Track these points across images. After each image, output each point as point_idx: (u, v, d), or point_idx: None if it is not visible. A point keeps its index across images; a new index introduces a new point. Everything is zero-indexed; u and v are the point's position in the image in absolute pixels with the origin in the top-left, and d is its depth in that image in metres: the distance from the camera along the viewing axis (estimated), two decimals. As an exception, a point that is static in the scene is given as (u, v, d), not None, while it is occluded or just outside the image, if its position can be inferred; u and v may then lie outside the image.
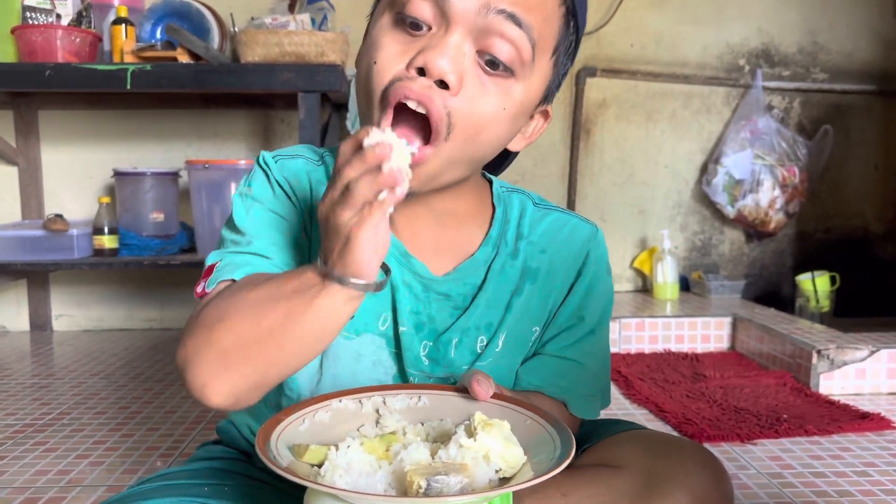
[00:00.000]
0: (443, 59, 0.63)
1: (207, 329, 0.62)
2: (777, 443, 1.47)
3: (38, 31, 2.05)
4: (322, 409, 0.66)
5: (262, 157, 0.78)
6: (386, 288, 0.76)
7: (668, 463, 0.72)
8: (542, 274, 0.80)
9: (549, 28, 0.67)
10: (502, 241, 0.80)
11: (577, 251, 0.81)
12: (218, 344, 0.61)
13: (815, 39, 2.72)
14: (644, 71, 2.65)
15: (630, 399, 1.76)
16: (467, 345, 0.78)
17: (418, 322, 0.77)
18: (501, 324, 0.78)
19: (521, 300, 0.79)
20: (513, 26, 0.64)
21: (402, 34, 0.65)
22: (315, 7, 2.25)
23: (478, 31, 0.64)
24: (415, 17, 0.64)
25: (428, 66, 0.63)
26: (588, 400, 0.81)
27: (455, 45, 0.63)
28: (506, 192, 0.84)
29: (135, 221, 2.28)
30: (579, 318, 0.81)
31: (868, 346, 1.81)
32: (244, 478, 0.79)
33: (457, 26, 0.64)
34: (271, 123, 2.57)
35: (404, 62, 0.64)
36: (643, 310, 2.35)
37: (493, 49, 0.64)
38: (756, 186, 2.59)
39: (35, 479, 1.28)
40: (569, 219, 0.83)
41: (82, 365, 2.07)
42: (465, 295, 0.78)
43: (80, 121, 2.50)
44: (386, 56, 0.65)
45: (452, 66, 0.63)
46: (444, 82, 0.63)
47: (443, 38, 0.64)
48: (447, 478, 0.53)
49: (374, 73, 0.66)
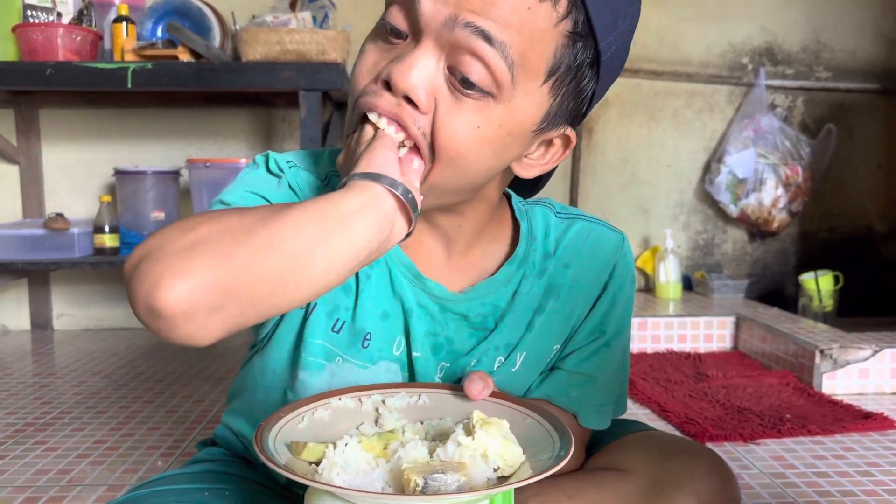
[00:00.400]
0: (408, 74, 0.58)
1: (180, 226, 0.53)
2: (780, 443, 1.46)
3: (39, 30, 2.04)
4: (322, 407, 0.65)
5: (272, 161, 0.73)
6: (399, 312, 0.73)
7: (675, 467, 0.71)
8: (565, 290, 0.76)
9: (537, 49, 0.59)
10: (529, 260, 0.76)
11: (602, 264, 0.78)
12: (191, 234, 0.51)
13: (819, 38, 2.71)
14: (647, 69, 2.64)
15: (633, 399, 1.75)
16: (485, 364, 0.75)
17: (436, 344, 0.74)
18: (520, 343, 0.75)
19: (543, 318, 0.75)
20: (483, 43, 0.57)
21: (383, 42, 0.62)
22: (316, 5, 2.24)
23: (449, 45, 0.58)
24: (393, 25, 0.61)
25: (393, 80, 0.59)
26: (598, 411, 0.78)
27: (422, 60, 0.59)
28: (527, 206, 0.80)
29: (136, 220, 2.27)
30: (600, 332, 0.78)
31: (871, 345, 1.80)
32: (245, 481, 0.78)
33: (426, 39, 0.59)
34: (272, 122, 2.56)
35: (377, 69, 0.62)
36: (646, 309, 2.34)
37: (464, 67, 0.58)
38: (759, 185, 2.58)
39: (36, 479, 1.28)
40: (593, 227, 0.79)
41: (83, 364, 2.07)
42: (483, 315, 0.75)
43: (81, 119, 2.50)
44: (362, 64, 0.63)
45: (419, 83, 0.59)
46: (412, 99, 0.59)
47: (413, 50, 0.59)
48: (444, 476, 0.53)
49: (353, 80, 0.63)
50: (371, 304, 0.73)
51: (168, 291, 0.48)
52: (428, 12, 0.58)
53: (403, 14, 0.60)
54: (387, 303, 0.73)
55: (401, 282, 0.73)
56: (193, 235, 0.51)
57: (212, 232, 0.51)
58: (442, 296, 0.74)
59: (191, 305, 0.48)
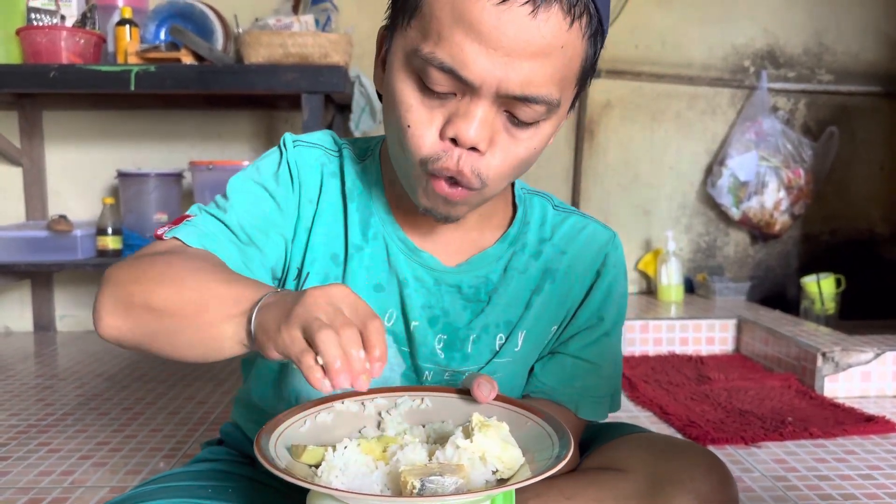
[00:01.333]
0: (473, 130, 0.63)
1: (137, 275, 0.66)
2: (781, 445, 1.46)
3: (43, 33, 2.05)
4: (325, 411, 0.66)
5: (283, 138, 0.79)
6: (394, 285, 0.77)
7: (673, 467, 0.72)
8: (560, 274, 0.81)
9: (574, 70, 0.66)
10: (521, 241, 0.81)
11: (594, 254, 0.83)
12: (130, 296, 0.65)
13: (821, 40, 2.71)
14: (649, 72, 2.64)
15: (634, 401, 1.75)
16: (486, 342, 0.79)
17: (432, 316, 0.78)
18: (520, 322, 0.79)
19: (541, 299, 0.80)
20: (529, 106, 0.64)
21: (429, 98, 0.65)
22: (319, 8, 2.25)
23: (503, 99, 0.64)
24: (440, 92, 0.64)
25: (460, 137, 0.64)
26: (598, 402, 0.82)
27: (483, 116, 0.64)
28: (527, 195, 0.85)
29: (138, 222, 2.28)
30: (599, 318, 0.82)
31: (873, 348, 1.80)
32: (247, 480, 0.79)
33: (481, 97, 0.63)
34: (275, 124, 2.57)
35: (435, 127, 0.65)
36: (647, 312, 2.34)
37: (518, 114, 0.65)
38: (761, 188, 2.58)
39: (39, 480, 1.28)
40: (587, 222, 0.84)
41: (86, 366, 2.07)
42: (475, 287, 0.79)
43: (84, 121, 2.51)
44: (417, 122, 0.65)
45: (482, 134, 0.64)
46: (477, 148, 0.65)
47: (469, 105, 0.64)
48: (442, 478, 0.53)
49: (409, 137, 0.66)
50: (363, 275, 0.77)
51: (103, 328, 0.65)
52: (479, 83, 0.62)
53: (449, 79, 0.63)
54: (382, 276, 0.77)
55: (397, 255, 0.77)
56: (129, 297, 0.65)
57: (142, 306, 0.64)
58: (437, 268, 0.78)
59: (114, 340, 0.66)
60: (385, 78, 0.70)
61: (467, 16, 0.60)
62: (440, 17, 0.61)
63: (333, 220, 0.78)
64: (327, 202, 0.78)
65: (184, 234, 0.70)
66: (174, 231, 0.71)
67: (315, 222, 0.77)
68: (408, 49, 0.65)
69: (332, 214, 0.78)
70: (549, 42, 0.61)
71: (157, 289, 0.64)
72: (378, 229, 0.78)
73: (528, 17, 0.60)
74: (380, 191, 0.79)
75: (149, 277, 0.65)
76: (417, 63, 0.63)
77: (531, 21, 0.60)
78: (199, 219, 0.73)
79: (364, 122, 2.27)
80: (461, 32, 0.61)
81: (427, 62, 0.62)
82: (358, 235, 0.77)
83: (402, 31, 0.66)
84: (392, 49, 0.68)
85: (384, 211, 0.78)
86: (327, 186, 0.78)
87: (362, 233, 0.77)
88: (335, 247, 0.77)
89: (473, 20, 0.60)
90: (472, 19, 0.60)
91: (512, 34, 0.60)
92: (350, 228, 0.77)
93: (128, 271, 0.67)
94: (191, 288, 0.62)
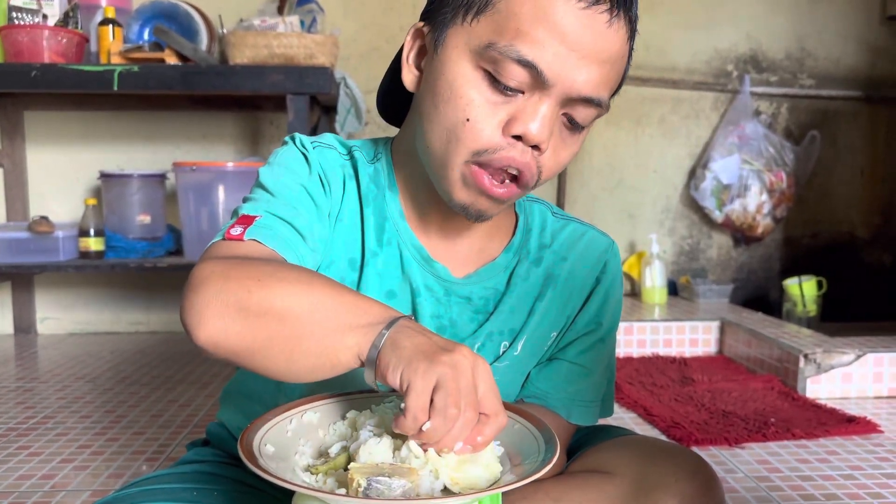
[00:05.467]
0: (540, 130, 0.65)
1: (242, 278, 0.60)
2: (764, 446, 1.47)
3: (25, 32, 2.03)
4: (311, 410, 0.65)
5: (298, 140, 0.77)
6: (407, 293, 0.77)
7: (659, 469, 0.72)
8: (561, 281, 0.81)
9: (618, 81, 0.70)
10: (524, 249, 0.82)
11: (594, 260, 0.83)
12: (247, 295, 0.59)
13: (803, 45, 2.74)
14: (633, 76, 2.65)
15: (619, 403, 1.76)
16: (490, 349, 0.79)
17: (440, 326, 0.78)
18: (524, 328, 0.80)
19: (543, 305, 0.80)
20: (589, 107, 0.67)
21: (494, 93, 0.66)
22: (304, 9, 2.24)
23: (567, 99, 0.66)
24: (510, 87, 0.65)
25: (527, 136, 0.65)
26: (588, 406, 0.83)
27: (549, 115, 0.66)
28: (527, 202, 0.85)
29: (121, 224, 2.26)
30: (598, 323, 0.83)
31: (854, 350, 1.82)
32: (233, 482, 0.78)
33: (551, 98, 0.65)
34: (260, 126, 2.56)
35: (496, 122, 0.66)
36: (632, 314, 2.35)
37: (577, 116, 0.68)
38: (744, 191, 2.61)
39: (19, 484, 1.27)
40: (586, 229, 0.85)
41: (67, 368, 2.05)
42: (485, 298, 0.79)
43: (67, 122, 2.48)
44: (479, 115, 0.66)
45: (546, 134, 0.66)
46: (540, 147, 0.67)
47: (537, 104, 0.65)
48: (389, 480, 0.52)
49: (467, 130, 0.66)
50: (377, 281, 0.76)
51: (205, 332, 0.59)
52: (554, 80, 0.64)
53: (524, 75, 0.64)
54: (395, 282, 0.77)
55: (410, 263, 0.77)
56: (246, 298, 0.59)
57: (260, 308, 0.58)
58: (447, 279, 0.78)
59: (217, 349, 0.59)
60: (434, 73, 0.69)
61: (552, 15, 0.62)
62: (520, 14, 0.63)
63: (352, 225, 0.77)
64: (347, 206, 0.77)
65: (264, 237, 0.67)
66: (250, 230, 0.67)
67: (337, 226, 0.76)
68: (475, 44, 0.65)
69: (350, 218, 0.77)
70: (617, 50, 0.66)
71: (279, 287, 0.59)
72: (392, 235, 0.77)
73: (606, 24, 0.63)
74: (393, 195, 0.78)
75: (265, 275, 0.60)
76: (490, 57, 0.64)
77: (607, 28, 0.64)
78: (267, 218, 0.69)
79: (350, 123, 2.26)
80: (544, 30, 0.63)
81: (504, 55, 0.63)
82: (373, 241, 0.76)
83: (464, 27, 0.66)
84: (446, 44, 0.68)
85: (398, 216, 0.78)
86: (347, 190, 0.77)
87: (377, 238, 0.77)
88: (353, 251, 0.76)
89: (558, 20, 0.62)
90: (556, 19, 0.62)
91: (590, 39, 0.63)
92: (366, 233, 0.76)
93: (238, 269, 0.61)
94: (315, 293, 0.59)
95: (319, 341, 0.57)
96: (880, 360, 1.81)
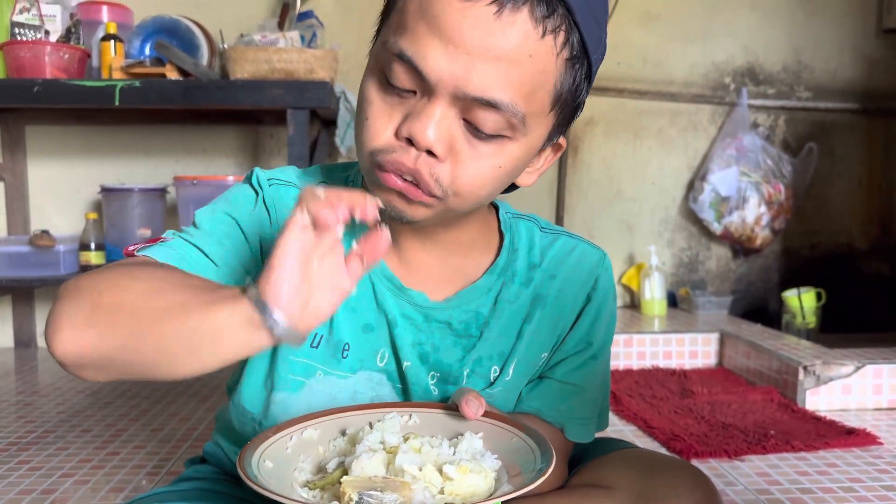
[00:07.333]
0: (428, 131, 0.61)
1: (97, 282, 0.58)
2: (764, 459, 1.47)
3: (27, 48, 2.04)
4: (311, 427, 0.66)
5: (255, 176, 0.75)
6: (383, 324, 0.74)
7: (660, 483, 0.72)
8: (550, 300, 0.79)
9: (545, 88, 0.63)
10: (510, 270, 0.79)
11: (585, 277, 0.80)
12: (97, 297, 0.56)
13: (800, 58, 2.76)
14: (631, 89, 2.67)
15: (619, 415, 1.76)
16: (481, 374, 0.77)
17: (423, 353, 0.76)
18: (513, 352, 0.77)
19: (532, 327, 0.78)
20: (490, 111, 0.61)
21: (388, 93, 0.64)
22: (304, 24, 2.26)
23: (462, 102, 0.61)
24: (400, 87, 0.62)
25: (415, 137, 0.61)
26: (584, 423, 0.81)
27: (439, 115, 0.61)
28: (512, 219, 0.82)
29: (122, 238, 2.26)
30: (588, 343, 0.80)
31: (854, 361, 1.82)
32: (233, 499, 0.78)
33: (440, 98, 0.61)
34: (260, 140, 2.57)
35: (392, 123, 0.63)
36: (631, 326, 2.35)
37: (478, 122, 0.62)
38: (742, 203, 2.62)
39: (19, 499, 1.27)
40: (576, 243, 0.82)
41: (67, 382, 2.05)
42: (465, 323, 0.77)
43: (68, 136, 2.49)
44: (374, 115, 0.64)
45: (438, 136, 0.61)
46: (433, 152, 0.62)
47: (426, 106, 0.61)
48: (381, 494, 0.53)
49: (366, 130, 0.65)
50: (350, 315, 0.74)
51: (59, 344, 0.56)
52: (436, 79, 0.60)
53: (408, 74, 0.61)
54: (370, 315, 0.75)
55: (384, 294, 0.75)
56: (98, 300, 0.56)
57: (112, 306, 0.56)
58: (425, 305, 0.75)
59: (71, 358, 0.56)
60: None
61: (431, 10, 0.59)
62: (406, 11, 0.61)
63: None
64: None
65: (157, 253, 0.67)
66: (145, 249, 0.67)
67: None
68: (378, 44, 0.65)
69: None
70: (515, 47, 0.59)
71: (132, 284, 0.57)
72: None
73: (493, 17, 0.58)
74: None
75: (118, 276, 0.58)
76: (383, 57, 0.63)
77: (495, 22, 0.58)
78: (177, 241, 0.70)
79: (349, 137, 2.27)
80: (424, 26, 0.59)
81: (390, 54, 0.62)
82: None
83: (381, 31, 0.67)
84: (371, 50, 0.68)
85: None
86: None
87: None
88: None
89: (437, 15, 0.59)
90: (435, 14, 0.59)
91: (477, 34, 0.58)
92: None
93: (89, 278, 0.59)
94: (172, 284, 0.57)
95: (187, 317, 0.53)
96: (879, 372, 1.82)
